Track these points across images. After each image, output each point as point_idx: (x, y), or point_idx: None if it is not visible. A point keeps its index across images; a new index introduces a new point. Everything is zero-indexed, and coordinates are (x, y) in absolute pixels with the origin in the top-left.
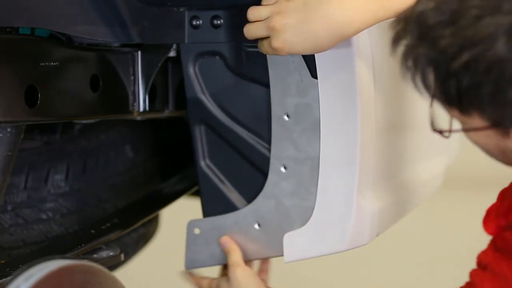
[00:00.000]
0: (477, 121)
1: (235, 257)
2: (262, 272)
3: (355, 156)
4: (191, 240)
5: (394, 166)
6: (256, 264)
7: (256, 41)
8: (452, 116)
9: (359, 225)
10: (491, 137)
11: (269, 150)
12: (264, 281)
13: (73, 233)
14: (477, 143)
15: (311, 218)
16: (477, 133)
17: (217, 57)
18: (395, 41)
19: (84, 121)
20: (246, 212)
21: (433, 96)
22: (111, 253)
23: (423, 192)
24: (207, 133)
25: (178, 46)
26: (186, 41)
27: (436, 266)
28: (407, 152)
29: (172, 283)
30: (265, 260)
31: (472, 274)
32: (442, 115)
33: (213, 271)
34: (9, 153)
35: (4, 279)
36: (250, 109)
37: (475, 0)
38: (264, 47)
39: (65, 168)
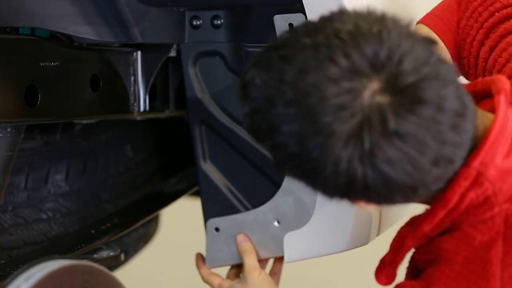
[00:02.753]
0: None
1: (251, 259)
2: (274, 275)
3: None
4: (211, 239)
5: None
6: (268, 266)
7: (256, 40)
8: None
9: (360, 225)
10: None
11: None
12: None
13: (73, 233)
14: None
15: (312, 218)
16: None
17: (217, 57)
18: (238, 90)
19: (84, 121)
20: (266, 210)
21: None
22: (111, 253)
23: None
24: (207, 133)
25: (178, 46)
26: (186, 41)
27: None
28: None
29: (172, 283)
30: (277, 263)
31: None
32: None
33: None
34: (9, 153)
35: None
36: None
37: (282, 103)
38: None
39: (65, 168)
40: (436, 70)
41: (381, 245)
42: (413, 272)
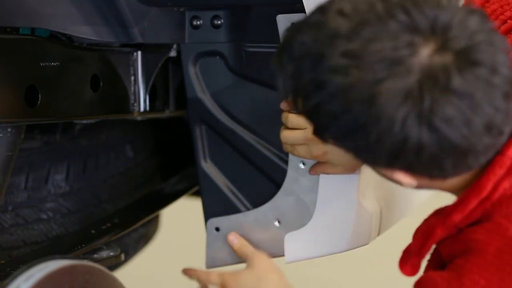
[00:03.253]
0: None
1: (249, 248)
2: None
3: None
4: (211, 239)
5: None
6: None
7: (256, 40)
8: None
9: (361, 225)
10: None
11: (269, 149)
12: None
13: (73, 233)
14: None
15: (312, 218)
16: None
17: (217, 57)
18: (276, 55)
19: (84, 121)
20: (266, 210)
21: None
22: (111, 253)
23: (425, 191)
24: (208, 133)
25: (178, 46)
26: (186, 41)
27: None
28: None
29: (173, 283)
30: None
31: None
32: None
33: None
34: (9, 153)
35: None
36: (250, 109)
37: (338, 53)
38: None
39: (65, 168)
40: (489, 37)
41: (381, 245)
42: (437, 264)
